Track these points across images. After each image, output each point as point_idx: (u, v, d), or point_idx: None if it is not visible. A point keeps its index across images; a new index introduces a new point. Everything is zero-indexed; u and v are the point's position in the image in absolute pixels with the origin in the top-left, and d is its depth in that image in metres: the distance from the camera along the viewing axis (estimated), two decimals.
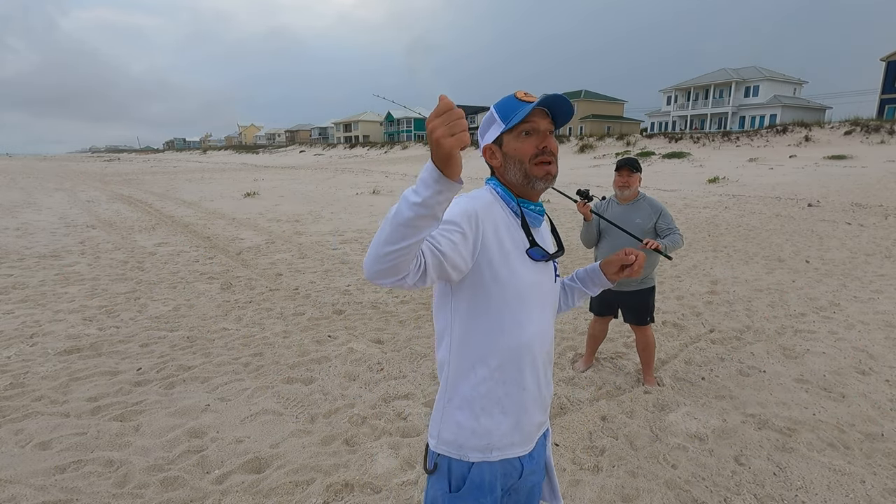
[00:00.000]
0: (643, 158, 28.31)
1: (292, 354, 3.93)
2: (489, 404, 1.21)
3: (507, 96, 1.24)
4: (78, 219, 11.06)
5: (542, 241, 1.28)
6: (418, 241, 0.93)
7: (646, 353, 3.42)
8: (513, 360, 1.21)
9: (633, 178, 3.23)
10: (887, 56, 37.11)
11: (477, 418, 1.21)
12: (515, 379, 1.22)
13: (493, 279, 1.16)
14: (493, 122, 1.25)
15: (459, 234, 1.08)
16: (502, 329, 1.18)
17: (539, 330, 1.24)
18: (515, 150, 1.21)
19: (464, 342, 1.21)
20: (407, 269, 0.96)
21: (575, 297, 1.50)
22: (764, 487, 2.40)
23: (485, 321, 1.18)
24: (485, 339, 1.19)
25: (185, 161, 58.86)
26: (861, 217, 10.12)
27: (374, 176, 25.28)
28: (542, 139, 1.21)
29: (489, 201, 1.21)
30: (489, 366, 1.20)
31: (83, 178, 26.90)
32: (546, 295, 1.27)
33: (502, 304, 1.17)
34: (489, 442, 1.21)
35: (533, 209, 1.26)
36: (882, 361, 3.73)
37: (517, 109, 1.19)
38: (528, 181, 1.22)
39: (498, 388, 1.21)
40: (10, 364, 3.70)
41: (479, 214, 1.14)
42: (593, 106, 58.61)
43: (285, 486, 2.42)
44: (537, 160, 1.20)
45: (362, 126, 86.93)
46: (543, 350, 1.27)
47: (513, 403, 1.22)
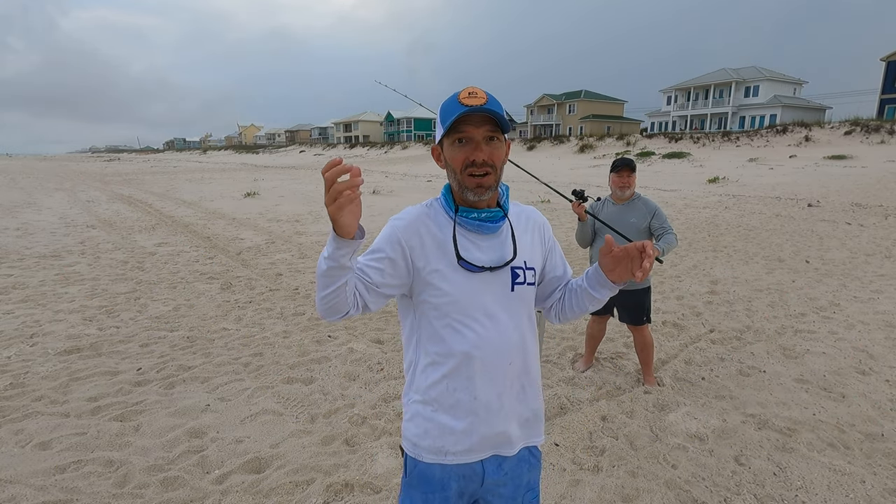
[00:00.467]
0: (643, 158, 28.33)
1: (292, 354, 3.93)
2: (441, 408, 1.22)
3: (453, 95, 1.17)
4: (78, 219, 11.06)
5: (488, 249, 1.21)
6: (342, 286, 1.07)
7: (644, 353, 3.42)
8: (459, 369, 1.20)
9: (633, 178, 3.24)
10: (887, 56, 37.12)
11: (430, 419, 1.23)
12: (465, 387, 1.20)
13: (429, 290, 1.19)
14: (438, 123, 1.20)
15: (386, 259, 1.17)
16: (443, 337, 1.20)
17: (489, 339, 1.19)
18: (450, 158, 1.18)
19: (419, 346, 1.25)
20: (346, 306, 1.11)
21: (584, 301, 1.31)
22: (764, 487, 2.40)
23: (431, 328, 1.21)
24: (434, 345, 1.21)
25: (185, 161, 58.85)
26: (861, 217, 10.12)
27: (374, 176, 25.28)
28: (472, 150, 1.14)
29: (417, 217, 1.22)
30: (440, 371, 1.21)
31: (83, 178, 26.90)
32: (494, 305, 1.20)
33: (442, 313, 1.19)
34: (442, 445, 1.22)
35: (475, 217, 1.20)
36: (882, 361, 3.73)
37: (454, 113, 1.12)
38: (461, 191, 1.19)
39: (449, 395, 1.21)
40: (10, 364, 3.70)
41: (399, 236, 1.19)
42: (593, 106, 58.61)
43: (285, 486, 2.42)
44: (468, 171, 1.15)
45: (362, 126, 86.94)
46: (502, 361, 1.21)
47: (465, 411, 1.21)
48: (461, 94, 1.14)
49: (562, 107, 59.96)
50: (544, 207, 12.24)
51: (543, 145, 41.38)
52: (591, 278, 1.29)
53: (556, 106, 60.25)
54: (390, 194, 16.18)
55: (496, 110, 1.12)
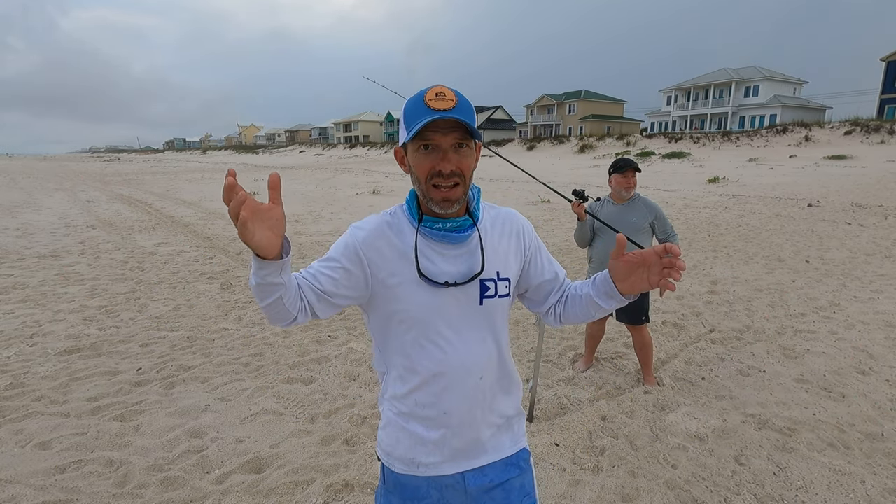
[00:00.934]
0: (643, 158, 28.33)
1: (292, 354, 3.93)
2: (413, 419, 1.18)
3: (418, 94, 1.05)
4: (78, 219, 11.06)
5: (455, 261, 1.13)
6: (276, 300, 1.00)
7: (643, 352, 3.43)
8: (426, 385, 1.15)
9: (636, 178, 3.26)
10: (887, 56, 37.12)
11: (399, 432, 1.19)
12: (433, 403, 1.15)
13: (388, 304, 1.13)
14: (402, 124, 1.09)
15: (341, 269, 1.10)
16: (409, 354, 1.14)
17: (456, 357, 1.13)
18: (415, 166, 1.08)
19: (385, 358, 1.21)
20: (289, 314, 1.04)
21: (588, 310, 1.21)
22: (764, 487, 2.40)
23: (398, 342, 1.15)
24: (400, 359, 1.16)
25: (185, 161, 58.85)
26: (861, 217, 10.12)
27: (374, 176, 25.28)
28: (439, 159, 1.04)
29: (378, 226, 1.14)
30: (407, 386, 1.17)
31: (83, 178, 26.90)
32: (461, 320, 1.13)
33: (405, 328, 1.13)
34: (414, 457, 1.18)
35: (440, 227, 1.11)
36: (882, 361, 3.73)
37: (419, 118, 1.01)
38: (427, 201, 1.09)
39: (417, 410, 1.17)
40: (10, 364, 3.70)
41: (358, 246, 1.12)
42: (593, 106, 58.62)
43: (285, 486, 2.42)
44: (434, 182, 1.05)
45: (362, 126, 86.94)
46: (472, 376, 1.15)
47: (434, 427, 1.16)
48: (427, 94, 1.03)
49: (562, 107, 59.96)
50: (544, 207, 12.24)
51: (543, 145, 41.38)
52: (599, 287, 1.17)
53: (556, 106, 60.24)
54: (390, 194, 16.18)
55: (466, 119, 1.01)
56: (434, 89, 1.03)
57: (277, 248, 0.92)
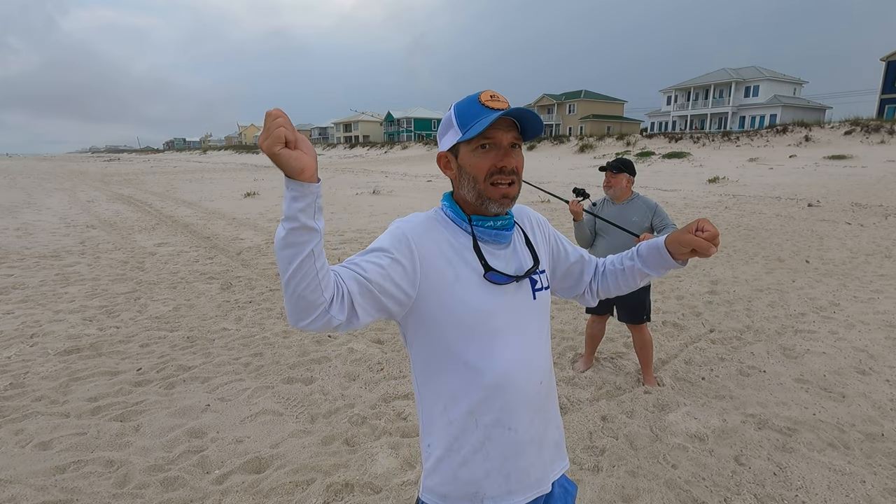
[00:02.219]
0: (643, 158, 28.33)
1: (292, 354, 3.93)
2: (469, 450, 1.07)
3: (470, 97, 1.06)
4: (78, 219, 11.06)
5: (506, 259, 1.11)
6: (306, 258, 0.84)
7: (643, 352, 3.42)
8: (489, 399, 1.05)
9: (617, 178, 3.25)
10: (887, 56, 37.12)
11: (459, 466, 1.07)
12: (498, 420, 1.06)
13: (445, 310, 1.03)
14: (451, 126, 1.07)
15: (389, 258, 0.99)
16: (468, 365, 1.04)
17: (519, 360, 1.08)
18: (470, 166, 1.05)
19: (428, 382, 1.10)
20: (320, 299, 0.87)
21: (632, 278, 1.23)
22: (764, 487, 2.40)
23: (445, 358, 1.05)
24: (450, 377, 1.06)
25: (185, 161, 58.86)
26: (861, 217, 10.12)
27: (374, 176, 25.27)
28: (501, 156, 1.04)
29: (426, 222, 1.08)
30: (460, 407, 1.06)
31: (83, 178, 26.90)
32: (522, 318, 1.10)
33: (462, 337, 1.03)
34: (477, 491, 1.07)
35: (491, 225, 1.09)
36: (882, 361, 3.73)
37: (478, 117, 1.02)
38: (480, 202, 1.07)
39: (476, 432, 1.06)
40: (10, 364, 3.70)
41: (410, 237, 1.03)
42: (593, 106, 58.62)
43: (285, 486, 2.42)
44: (493, 179, 1.04)
45: (362, 126, 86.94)
46: (533, 381, 1.10)
47: (498, 448, 1.07)
48: (482, 96, 1.04)
49: (562, 107, 59.98)
50: (544, 208, 12.25)
51: (543, 145, 41.37)
52: (649, 259, 1.17)
53: (556, 106, 60.27)
54: (390, 194, 16.17)
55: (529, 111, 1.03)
56: (487, 92, 1.05)
57: (314, 167, 0.85)
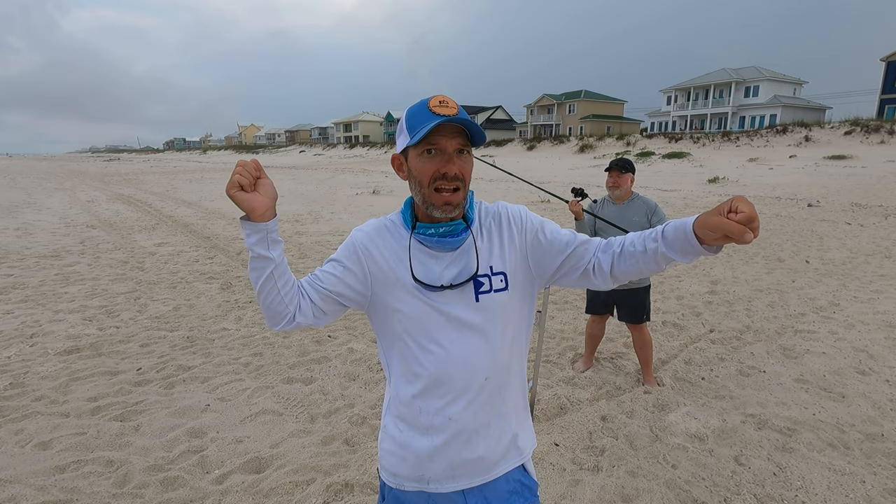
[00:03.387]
0: (643, 158, 28.32)
1: (292, 354, 3.93)
2: (417, 433, 1.16)
3: (421, 102, 1.09)
4: (78, 219, 11.06)
5: (447, 263, 1.14)
6: (269, 278, 1.06)
7: (643, 351, 3.43)
8: (429, 389, 1.14)
9: (623, 178, 3.24)
10: (887, 56, 37.12)
11: (406, 446, 1.17)
12: (439, 409, 1.14)
13: (388, 308, 1.15)
14: (402, 130, 1.12)
15: (341, 267, 1.14)
16: (412, 357, 1.15)
17: (459, 357, 1.12)
18: (416, 170, 1.10)
19: (388, 365, 1.21)
20: (286, 310, 1.09)
21: (653, 261, 1.07)
22: (764, 487, 2.40)
23: (397, 347, 1.17)
24: (403, 364, 1.17)
25: (185, 161, 58.85)
26: (861, 217, 10.12)
27: (374, 176, 25.27)
28: (444, 161, 1.07)
29: (377, 229, 1.18)
30: (410, 391, 1.16)
31: (83, 178, 26.90)
32: (462, 319, 1.12)
33: (402, 332, 1.14)
34: (422, 474, 1.15)
35: (433, 233, 1.13)
36: (882, 361, 3.73)
37: (424, 123, 1.04)
38: (426, 206, 1.11)
39: (422, 418, 1.15)
40: (10, 364, 3.70)
41: (358, 246, 1.16)
42: (593, 106, 58.60)
43: (285, 486, 2.42)
44: (436, 185, 1.08)
45: (362, 126, 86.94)
46: (475, 377, 1.13)
47: (441, 435, 1.14)
48: (431, 101, 1.07)
49: (562, 107, 59.96)
50: (544, 208, 12.24)
51: (543, 145, 41.37)
52: (675, 243, 1.01)
53: (556, 106, 60.24)
54: (390, 194, 16.17)
55: (469, 124, 1.06)
56: (437, 97, 1.07)
57: (268, 208, 1.04)
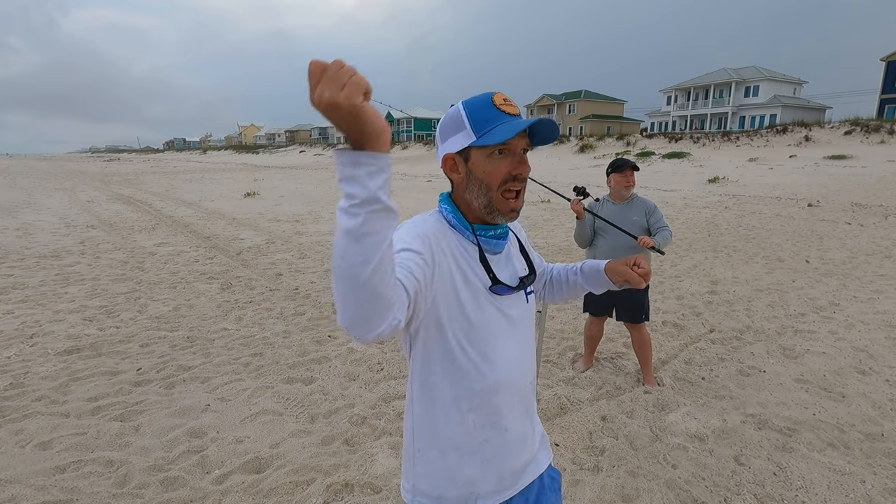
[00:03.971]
0: (643, 158, 28.32)
1: (292, 354, 3.93)
2: (467, 452, 1.07)
3: (482, 97, 1.02)
4: (78, 219, 11.06)
5: (505, 268, 1.12)
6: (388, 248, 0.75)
7: (643, 351, 3.43)
8: (487, 402, 1.06)
9: (633, 178, 3.28)
10: (887, 56, 37.12)
11: (455, 468, 1.08)
12: (494, 422, 1.08)
13: (450, 313, 1.02)
14: (462, 127, 1.02)
15: (421, 258, 0.94)
16: (470, 370, 1.04)
17: (516, 364, 1.10)
18: (484, 172, 1.02)
19: (428, 384, 1.07)
20: (391, 299, 0.77)
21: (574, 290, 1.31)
22: (764, 487, 2.40)
23: (448, 362, 1.04)
24: (452, 381, 1.05)
25: (185, 161, 58.85)
26: (861, 217, 10.12)
27: None
28: (517, 163, 1.02)
29: (439, 225, 1.06)
30: (461, 410, 1.06)
31: (83, 178, 26.90)
32: (518, 326, 1.12)
33: (465, 342, 1.03)
34: (471, 492, 1.08)
35: (493, 235, 1.09)
36: (882, 361, 3.73)
37: (495, 122, 0.99)
38: (489, 212, 1.05)
39: (475, 434, 1.07)
40: (10, 364, 3.70)
41: (430, 237, 1.00)
42: (593, 106, 58.60)
43: (285, 486, 2.42)
44: (506, 187, 1.02)
45: None
46: (526, 381, 1.14)
47: (494, 448, 1.09)
48: (495, 98, 1.01)
49: (562, 107, 59.96)
50: (544, 207, 12.25)
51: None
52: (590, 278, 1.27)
53: (556, 106, 60.24)
54: (390, 194, 16.15)
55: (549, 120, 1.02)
56: (499, 95, 1.02)
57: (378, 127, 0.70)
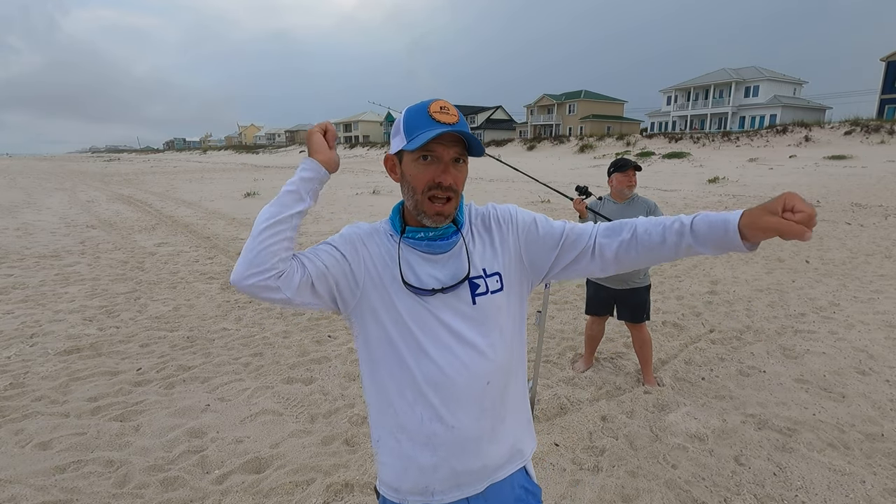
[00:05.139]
0: (643, 158, 28.33)
1: (292, 354, 3.93)
2: (419, 443, 1.10)
3: (421, 105, 1.07)
4: (78, 219, 11.06)
5: (441, 266, 1.11)
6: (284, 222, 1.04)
7: (643, 351, 3.43)
8: (426, 396, 1.09)
9: (636, 177, 3.28)
10: (887, 56, 37.13)
11: (409, 456, 1.11)
12: (439, 416, 1.09)
13: (383, 308, 1.10)
14: (398, 132, 1.08)
15: (338, 252, 1.10)
16: (403, 362, 1.09)
17: (457, 362, 1.09)
18: (410, 176, 1.07)
19: (374, 374, 1.14)
20: (274, 266, 1.01)
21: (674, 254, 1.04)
22: (764, 487, 2.40)
23: (386, 353, 1.11)
24: (392, 371, 1.11)
25: (185, 161, 58.85)
26: (861, 217, 10.12)
27: (374, 176, 25.25)
28: (440, 171, 1.04)
29: (370, 228, 1.15)
30: (406, 399, 1.10)
31: (83, 178, 26.90)
32: (459, 323, 1.10)
33: (398, 335, 1.09)
34: (427, 485, 1.11)
35: (422, 237, 1.10)
36: (882, 361, 3.73)
37: (423, 129, 1.02)
38: (417, 213, 1.09)
39: (423, 426, 1.10)
40: (10, 364, 3.70)
41: (355, 239, 1.12)
42: (593, 106, 58.60)
43: (285, 486, 2.42)
44: (430, 194, 1.05)
45: (362, 126, 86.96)
46: (477, 382, 1.10)
47: (444, 444, 1.10)
48: (431, 106, 1.04)
49: (562, 107, 59.96)
50: (544, 208, 12.24)
51: (543, 145, 41.38)
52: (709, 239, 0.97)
53: (556, 106, 60.24)
54: (390, 194, 16.17)
55: (469, 135, 1.04)
56: (438, 102, 1.05)
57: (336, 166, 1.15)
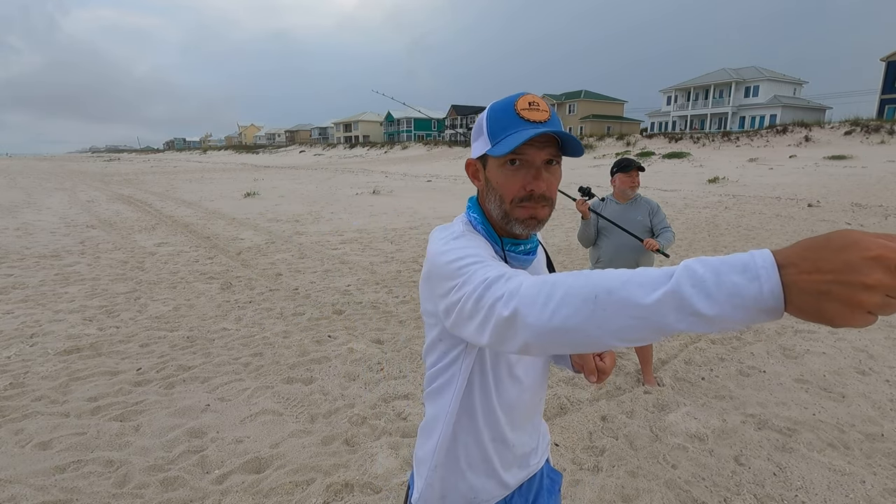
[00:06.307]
0: (643, 158, 28.32)
1: (292, 354, 3.93)
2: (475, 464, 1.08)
3: (507, 101, 0.94)
4: (78, 219, 11.06)
5: None
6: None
7: (643, 351, 3.43)
8: (505, 421, 1.07)
9: (639, 177, 3.27)
10: (887, 56, 37.13)
11: (460, 479, 1.09)
12: (505, 437, 1.09)
13: None
14: (481, 133, 0.96)
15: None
16: (492, 390, 1.03)
17: (534, 385, 1.10)
18: (497, 184, 0.95)
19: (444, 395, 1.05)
20: None
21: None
22: (764, 487, 2.40)
23: (483, 377, 1.03)
24: (471, 393, 1.03)
25: (185, 161, 58.87)
26: (861, 217, 10.12)
27: (374, 176, 25.27)
28: (532, 177, 0.92)
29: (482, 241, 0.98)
30: (484, 423, 1.06)
31: (83, 177, 26.90)
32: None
33: (491, 362, 1.02)
34: (475, 496, 1.10)
35: (521, 250, 1.01)
36: (882, 361, 3.73)
37: (511, 129, 0.90)
38: (506, 222, 0.97)
39: (489, 446, 1.08)
40: (10, 364, 3.70)
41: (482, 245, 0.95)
42: (593, 106, 58.62)
43: (285, 486, 2.42)
44: (521, 205, 0.94)
45: (362, 126, 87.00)
46: (540, 396, 1.14)
47: (502, 463, 1.11)
48: (519, 102, 0.91)
49: (562, 107, 59.98)
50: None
51: None
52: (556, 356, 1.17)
53: (557, 106, 60.28)
54: (390, 194, 16.17)
55: (563, 134, 0.91)
56: (526, 97, 0.92)
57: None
